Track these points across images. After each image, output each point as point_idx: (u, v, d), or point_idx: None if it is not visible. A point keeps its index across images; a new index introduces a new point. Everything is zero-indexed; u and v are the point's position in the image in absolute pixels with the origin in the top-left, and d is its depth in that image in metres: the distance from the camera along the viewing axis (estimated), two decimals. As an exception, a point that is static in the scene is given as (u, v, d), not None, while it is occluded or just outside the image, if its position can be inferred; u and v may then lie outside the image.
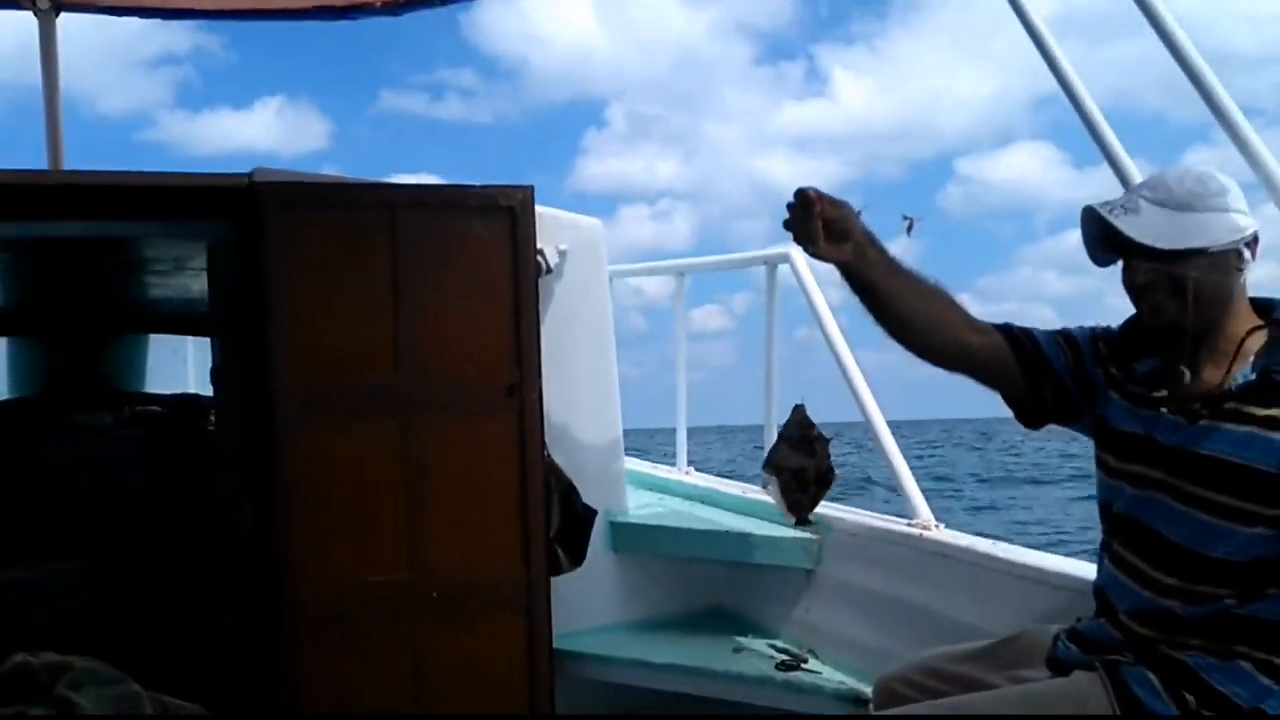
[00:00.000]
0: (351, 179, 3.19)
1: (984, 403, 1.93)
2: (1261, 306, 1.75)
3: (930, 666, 1.99)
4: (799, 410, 3.24)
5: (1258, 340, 1.70)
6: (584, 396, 3.41)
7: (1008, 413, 1.99)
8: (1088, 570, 2.07)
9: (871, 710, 2.02)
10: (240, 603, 2.91)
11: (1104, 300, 1.74)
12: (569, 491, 3.06)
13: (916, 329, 1.88)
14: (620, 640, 3.29)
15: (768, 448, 3.69)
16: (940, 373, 1.93)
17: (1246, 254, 1.70)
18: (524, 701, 2.91)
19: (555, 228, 3.32)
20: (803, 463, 3.15)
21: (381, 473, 2.85)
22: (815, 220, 1.78)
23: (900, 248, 1.90)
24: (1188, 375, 1.74)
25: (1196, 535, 1.66)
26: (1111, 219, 1.71)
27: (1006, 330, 1.94)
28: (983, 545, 2.66)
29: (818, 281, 3.44)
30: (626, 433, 3.61)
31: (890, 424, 3.16)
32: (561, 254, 3.32)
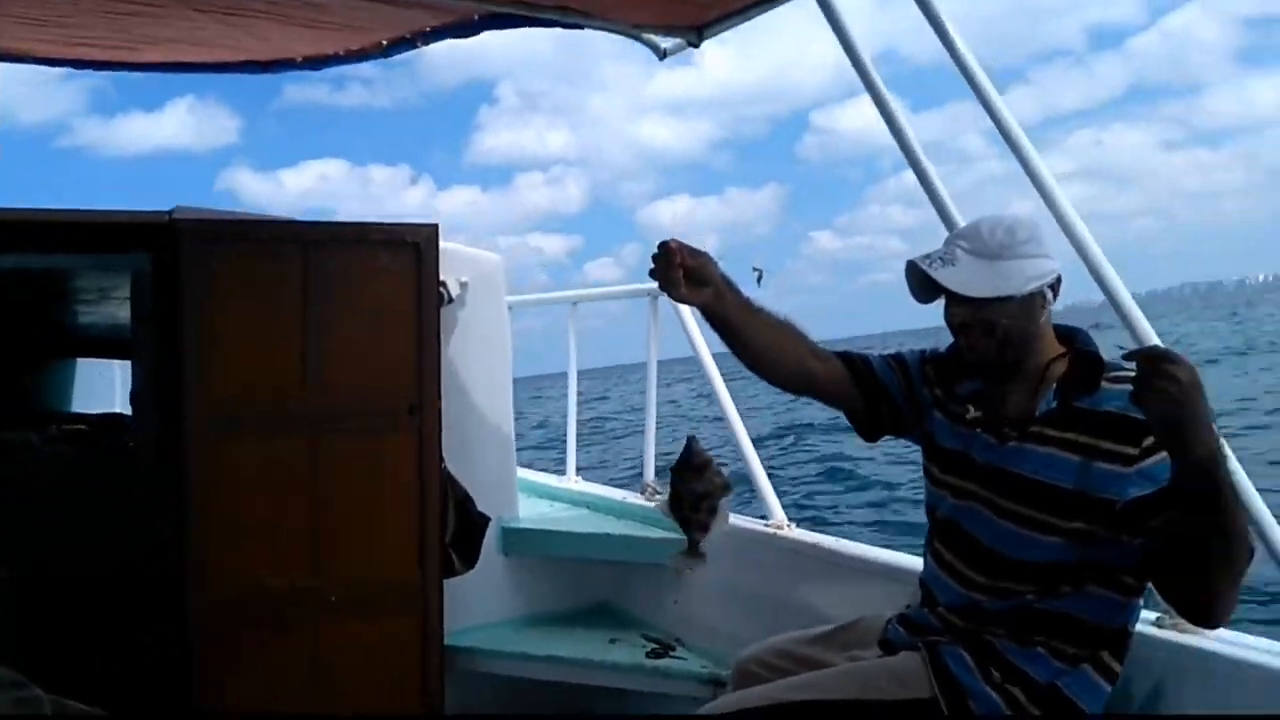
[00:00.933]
0: (267, 216, 3.10)
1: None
2: (1064, 335, 1.80)
3: (780, 649, 2.00)
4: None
5: (1061, 368, 1.74)
6: (481, 414, 3.36)
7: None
8: (917, 563, 2.10)
9: (729, 689, 2.01)
10: (152, 611, 2.76)
11: (940, 231, 1.77)
12: (464, 500, 3.00)
13: (768, 360, 1.90)
14: (508, 635, 3.22)
15: (648, 468, 3.68)
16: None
17: (1050, 295, 1.75)
18: (416, 694, 2.82)
19: (458, 262, 3.28)
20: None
21: (288, 486, 2.76)
22: (676, 270, 1.78)
23: (754, 293, 1.93)
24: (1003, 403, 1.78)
25: (1004, 541, 1.71)
26: (931, 272, 1.74)
27: (845, 357, 1.98)
28: (828, 542, 2.69)
29: (700, 228, 3.44)
30: (530, 379, 3.55)
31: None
32: (463, 285, 3.28)
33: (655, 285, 1.71)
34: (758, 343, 1.88)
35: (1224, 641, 1.74)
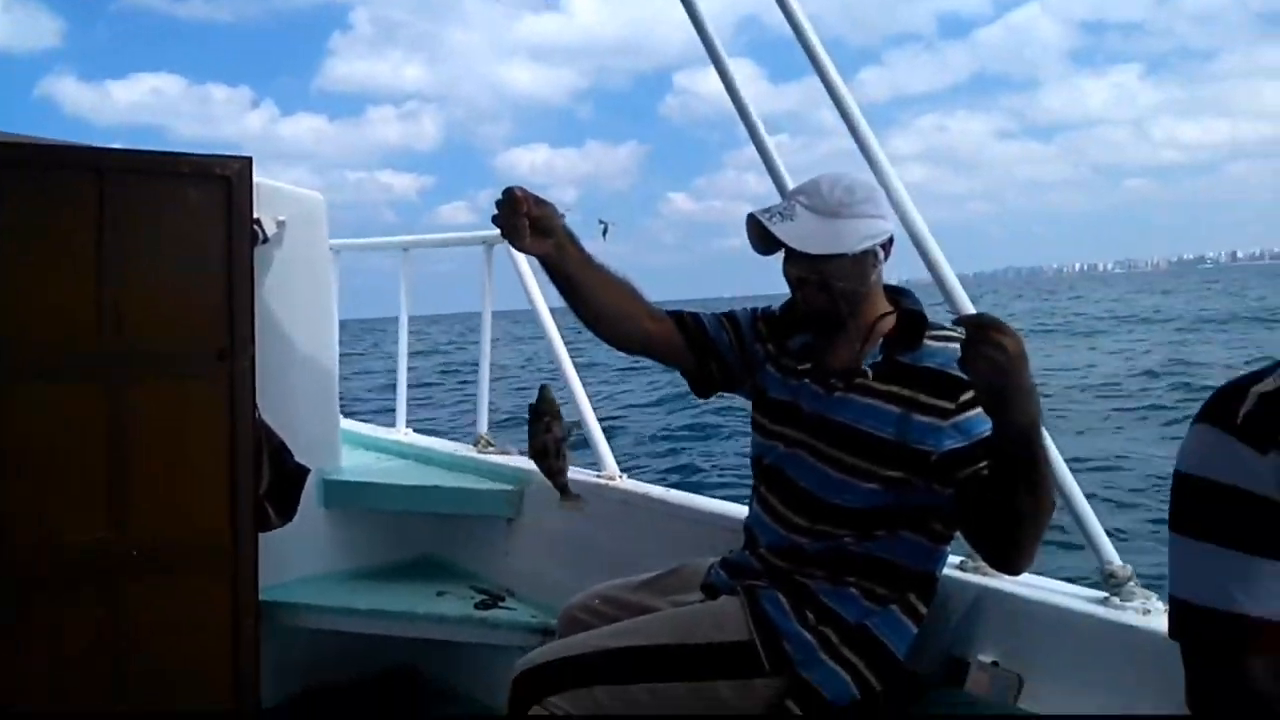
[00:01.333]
0: (60, 141, 2.82)
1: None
2: (892, 294, 1.85)
3: (606, 595, 2.02)
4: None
5: (888, 324, 1.80)
6: (301, 362, 3.19)
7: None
8: (743, 511, 2.14)
9: (556, 637, 2.00)
10: None
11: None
12: (280, 450, 2.84)
13: (606, 318, 1.89)
14: (330, 589, 3.11)
15: (481, 420, 3.60)
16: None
17: (882, 254, 1.80)
18: (227, 653, 2.67)
19: (275, 199, 3.09)
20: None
21: (83, 434, 2.52)
22: (521, 218, 1.73)
23: (599, 247, 1.90)
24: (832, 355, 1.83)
25: (826, 486, 1.76)
26: (771, 226, 1.76)
27: (678, 318, 1.99)
28: (657, 492, 2.72)
29: (558, 179, 3.39)
30: (368, 321, 3.43)
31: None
32: (280, 224, 3.09)
33: (491, 234, 1.70)
34: (596, 300, 1.86)
35: (1019, 583, 1.86)
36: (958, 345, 1.47)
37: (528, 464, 3.27)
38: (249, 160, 2.76)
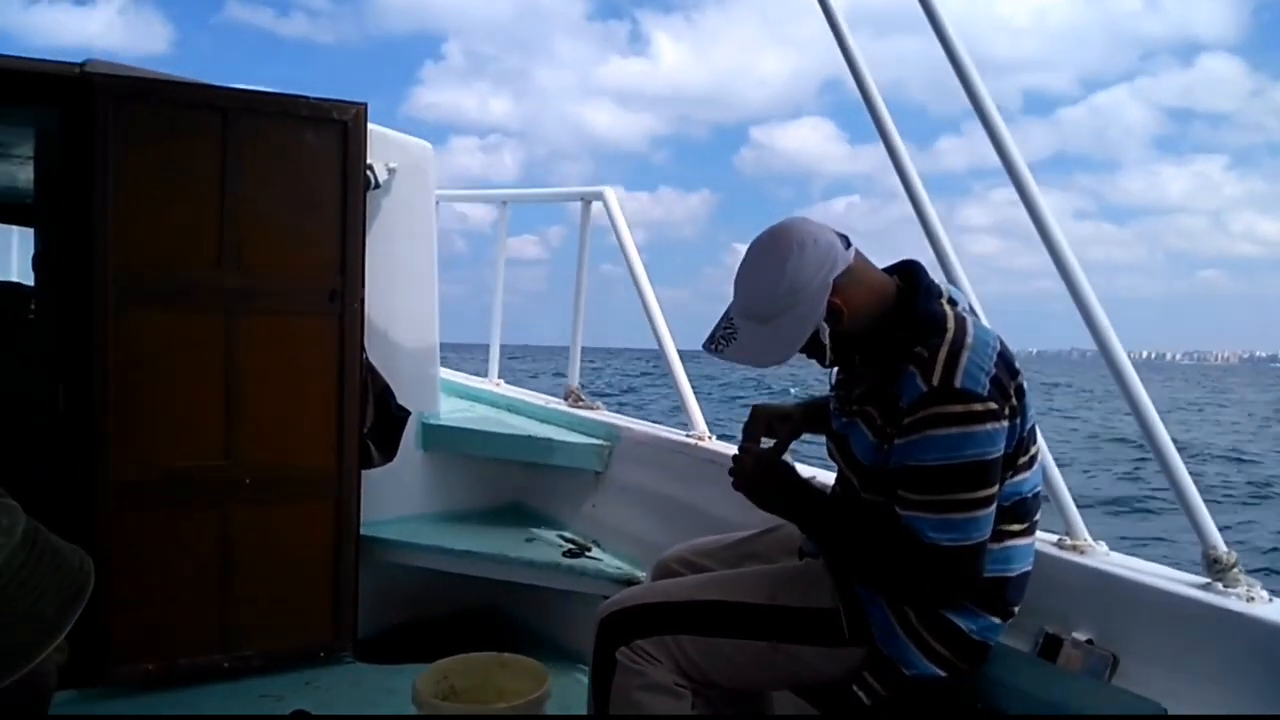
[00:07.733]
0: (186, 79, 2.95)
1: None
2: (902, 282, 1.75)
3: (703, 549, 2.06)
4: None
5: (888, 338, 1.70)
6: (405, 307, 3.32)
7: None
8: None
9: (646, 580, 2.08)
10: (53, 491, 2.68)
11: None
12: (384, 392, 2.98)
13: None
14: (425, 529, 3.26)
15: (573, 375, 3.70)
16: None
17: (836, 307, 1.67)
18: (328, 581, 2.83)
19: (386, 146, 3.20)
20: None
21: (200, 363, 2.68)
22: (757, 428, 1.99)
23: None
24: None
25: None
26: (720, 356, 1.73)
27: None
28: (748, 454, 2.74)
29: (628, 222, 3.45)
30: (443, 346, 3.55)
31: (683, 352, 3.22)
32: (391, 171, 3.20)
33: (589, 190, 1.71)
34: None
35: (1118, 565, 1.86)
36: (916, 370, 1.59)
37: (618, 420, 3.35)
38: (364, 106, 2.86)
